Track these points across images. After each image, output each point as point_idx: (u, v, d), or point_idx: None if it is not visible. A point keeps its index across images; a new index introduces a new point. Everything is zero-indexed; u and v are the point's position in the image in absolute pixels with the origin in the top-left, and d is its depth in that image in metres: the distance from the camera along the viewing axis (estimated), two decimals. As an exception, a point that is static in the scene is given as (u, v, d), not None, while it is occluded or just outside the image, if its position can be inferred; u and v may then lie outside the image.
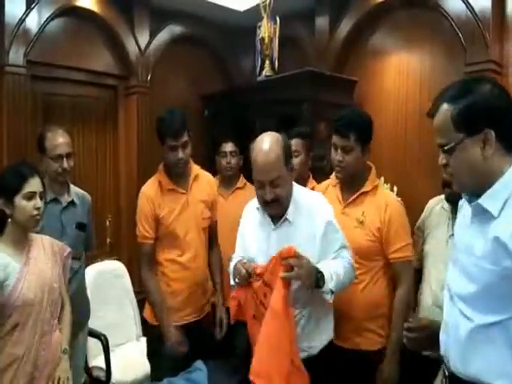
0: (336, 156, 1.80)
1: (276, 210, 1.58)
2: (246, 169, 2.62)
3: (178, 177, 2.06)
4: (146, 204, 2.03)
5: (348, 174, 1.81)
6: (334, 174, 1.94)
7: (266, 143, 1.53)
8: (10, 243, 1.64)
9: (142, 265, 2.07)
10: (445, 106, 1.07)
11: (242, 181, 2.73)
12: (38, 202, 1.64)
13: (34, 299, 1.61)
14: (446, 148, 1.08)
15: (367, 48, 3.06)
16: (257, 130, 3.26)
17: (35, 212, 1.63)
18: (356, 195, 1.82)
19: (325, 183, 2.04)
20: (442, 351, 1.17)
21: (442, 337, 1.18)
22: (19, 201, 1.61)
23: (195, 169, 2.15)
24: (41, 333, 1.63)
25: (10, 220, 1.63)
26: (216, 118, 3.43)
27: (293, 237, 1.55)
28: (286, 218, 1.58)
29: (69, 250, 1.85)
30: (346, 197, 1.86)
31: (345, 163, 1.78)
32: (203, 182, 2.15)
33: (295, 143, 2.27)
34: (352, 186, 1.84)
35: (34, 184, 1.64)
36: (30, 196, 1.62)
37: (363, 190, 1.82)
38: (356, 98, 3.02)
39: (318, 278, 1.44)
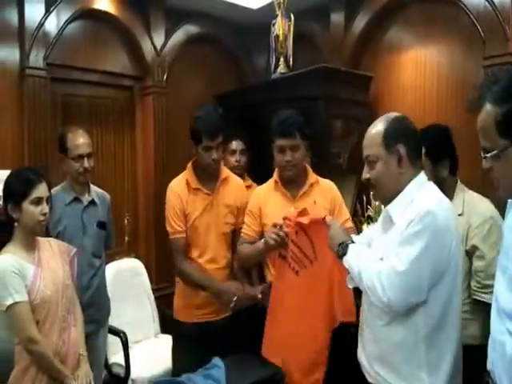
0: (284, 157, 1.91)
1: (374, 195, 1.51)
2: (257, 168, 2.62)
3: (205, 177, 2.07)
4: (175, 199, 2.04)
5: (298, 170, 1.95)
6: (274, 177, 2.04)
7: (376, 120, 1.43)
8: (21, 246, 1.67)
9: (177, 259, 2.04)
10: (488, 107, 0.97)
11: (247, 180, 2.68)
12: (44, 208, 1.67)
13: (51, 296, 1.64)
14: (488, 155, 0.99)
15: (383, 43, 3.02)
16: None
17: (42, 218, 1.66)
18: (306, 187, 1.96)
19: (263, 189, 2.08)
20: (489, 366, 1.12)
21: (489, 351, 1.12)
22: (27, 206, 1.64)
23: (225, 171, 2.14)
24: (59, 329, 1.66)
25: (16, 224, 1.67)
26: (230, 117, 3.44)
27: (391, 244, 1.34)
28: (391, 218, 1.38)
29: (75, 250, 1.88)
30: (294, 192, 1.97)
31: (294, 161, 1.91)
32: (232, 186, 2.14)
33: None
34: (297, 181, 1.97)
35: (41, 189, 1.67)
36: (38, 201, 1.65)
37: (311, 181, 1.98)
38: (372, 94, 2.99)
39: (342, 248, 1.43)
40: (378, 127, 1.40)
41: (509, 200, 1.13)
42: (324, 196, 1.96)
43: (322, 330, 1.70)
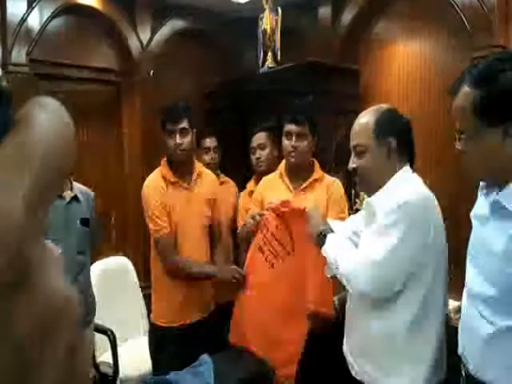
0: (290, 143, 1.91)
1: (359, 185, 1.46)
2: (245, 163, 2.60)
3: (180, 171, 2.04)
4: (155, 194, 1.98)
5: (301, 159, 1.95)
6: (282, 165, 2.05)
7: (366, 110, 1.42)
8: None
9: (168, 254, 1.95)
10: (466, 90, 0.99)
11: (223, 176, 2.67)
12: None
13: None
14: (462, 136, 1.01)
15: (371, 36, 3.01)
16: (258, 123, 3.26)
17: None
18: (308, 182, 1.95)
19: (269, 178, 2.10)
20: (460, 351, 1.13)
21: (460, 336, 1.14)
22: None
23: (199, 166, 2.13)
24: None
25: None
26: (219, 112, 3.42)
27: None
28: (373, 211, 1.37)
29: (59, 251, 1.82)
30: (295, 185, 1.97)
31: (300, 149, 1.92)
32: (206, 180, 2.13)
33: (259, 137, 2.41)
34: (301, 174, 1.98)
35: None
36: None
37: (314, 177, 1.98)
38: (360, 88, 2.98)
39: (320, 238, 1.46)
40: (368, 117, 1.38)
41: (480, 184, 1.15)
42: (324, 192, 1.96)
43: (296, 322, 1.68)
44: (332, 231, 1.46)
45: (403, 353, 1.29)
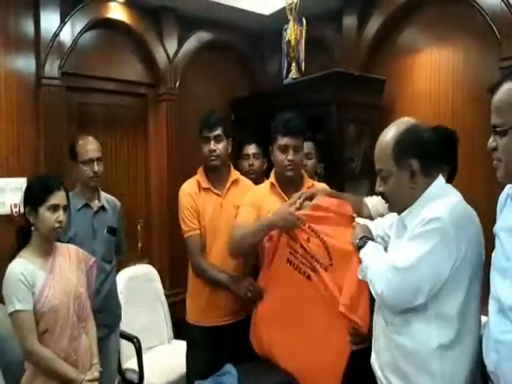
0: (288, 156, 1.91)
1: (389, 207, 1.44)
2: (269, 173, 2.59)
3: (215, 179, 2.13)
4: (187, 198, 2.11)
5: (298, 172, 1.98)
6: (270, 179, 2.02)
7: (386, 129, 1.39)
8: (36, 252, 1.68)
9: (194, 255, 2.07)
10: (508, 85, 1.02)
11: None
12: (60, 215, 1.67)
13: (59, 305, 1.63)
14: (498, 129, 1.04)
15: (397, 46, 2.99)
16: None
17: (57, 225, 1.66)
18: (304, 191, 1.95)
19: (260, 189, 2.06)
20: (492, 369, 1.11)
21: (489, 354, 1.11)
22: (43, 212, 1.65)
23: (235, 173, 2.21)
24: (70, 337, 1.65)
25: (32, 229, 1.68)
26: (243, 122, 3.45)
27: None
28: (404, 224, 1.36)
29: (94, 259, 1.88)
30: (290, 196, 1.96)
31: (296, 162, 1.93)
32: (242, 188, 2.17)
33: (308, 146, 2.34)
34: (293, 185, 1.98)
35: (58, 197, 1.68)
36: (54, 208, 1.66)
37: (307, 185, 1.99)
38: (385, 99, 2.96)
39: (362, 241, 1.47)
40: (388, 139, 1.34)
41: (505, 191, 1.13)
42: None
43: (337, 337, 1.62)
44: (373, 240, 1.48)
45: (436, 372, 1.24)
